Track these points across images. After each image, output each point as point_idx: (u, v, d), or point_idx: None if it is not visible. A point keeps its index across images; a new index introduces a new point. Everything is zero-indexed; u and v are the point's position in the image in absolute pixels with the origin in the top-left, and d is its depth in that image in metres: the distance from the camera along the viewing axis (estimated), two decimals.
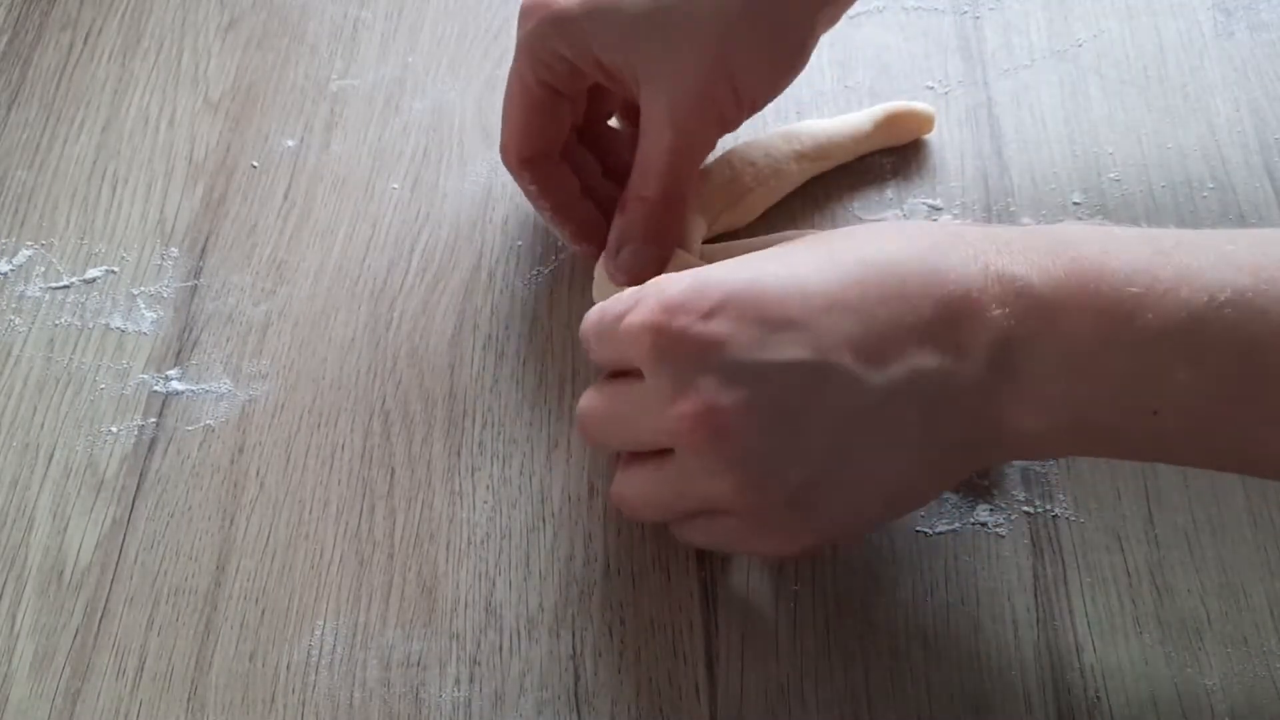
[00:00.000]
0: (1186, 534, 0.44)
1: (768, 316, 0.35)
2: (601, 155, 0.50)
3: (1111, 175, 0.52)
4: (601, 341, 0.40)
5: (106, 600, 0.44)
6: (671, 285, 0.37)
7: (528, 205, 0.53)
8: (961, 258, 0.36)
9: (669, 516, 0.41)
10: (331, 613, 0.44)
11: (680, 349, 0.36)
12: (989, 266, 0.36)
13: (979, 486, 0.45)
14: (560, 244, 0.52)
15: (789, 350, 0.35)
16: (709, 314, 0.36)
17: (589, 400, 0.41)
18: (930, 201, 0.52)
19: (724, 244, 0.48)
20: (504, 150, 0.48)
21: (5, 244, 0.53)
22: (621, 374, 0.40)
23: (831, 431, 0.36)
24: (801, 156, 0.51)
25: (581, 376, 0.48)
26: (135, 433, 0.48)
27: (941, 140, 0.53)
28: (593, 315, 0.40)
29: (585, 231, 0.48)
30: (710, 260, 0.43)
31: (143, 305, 0.51)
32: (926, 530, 0.44)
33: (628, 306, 0.38)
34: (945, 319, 0.35)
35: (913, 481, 0.38)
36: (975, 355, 0.35)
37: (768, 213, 0.51)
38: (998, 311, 0.35)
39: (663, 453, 0.38)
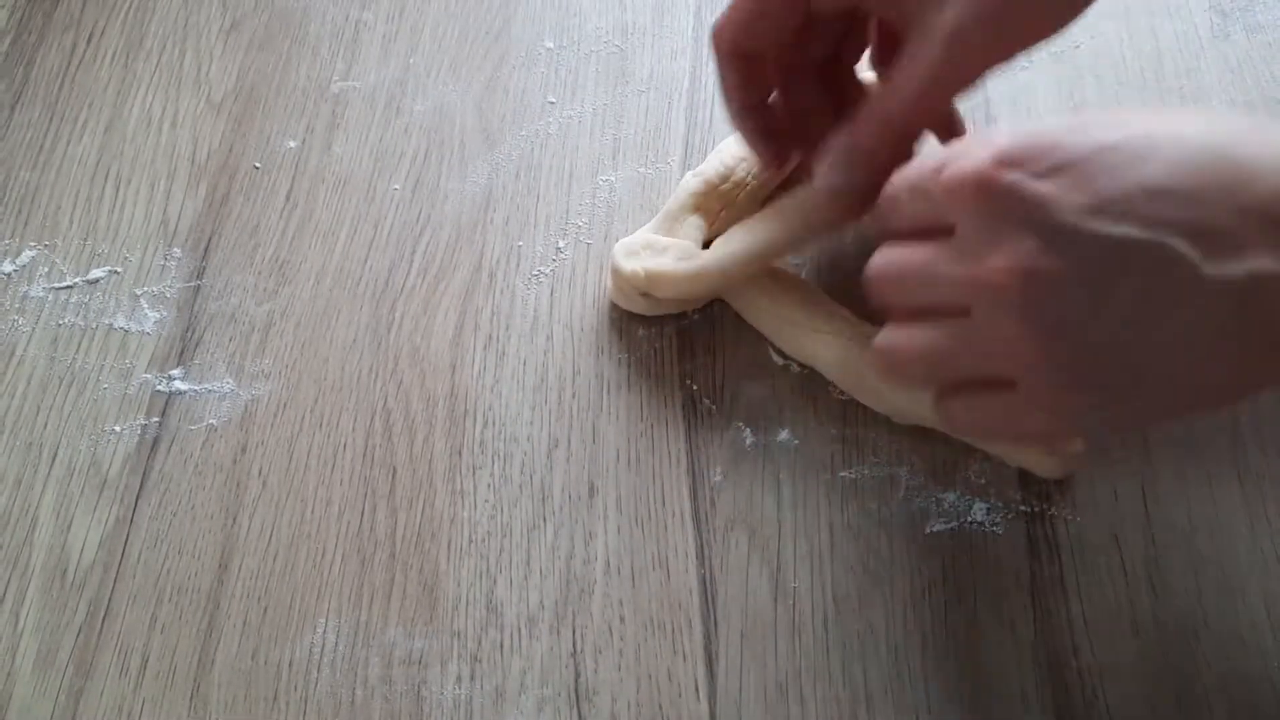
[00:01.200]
0: (1183, 533, 0.44)
1: (1105, 184, 0.34)
2: (836, 98, 0.48)
3: None
4: (914, 196, 0.38)
5: (109, 599, 0.45)
6: (1005, 138, 0.35)
7: (528, 205, 0.53)
8: None
9: (940, 377, 0.39)
10: (333, 611, 0.44)
11: (1008, 202, 0.34)
12: None
13: (976, 485, 0.45)
14: (560, 244, 0.52)
15: (1120, 226, 0.33)
16: (1044, 173, 0.34)
17: (882, 256, 0.39)
18: None
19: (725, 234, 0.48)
20: (717, 32, 0.44)
21: (9, 244, 0.53)
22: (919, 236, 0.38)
23: (1148, 315, 0.34)
24: None
25: (582, 376, 0.49)
26: (138, 432, 0.48)
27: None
28: (907, 172, 0.38)
29: (766, 142, 0.47)
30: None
31: (146, 305, 0.51)
32: (926, 529, 0.45)
33: (949, 158, 0.36)
34: None
35: (1220, 382, 0.35)
36: None
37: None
38: None
39: (949, 313, 0.37)
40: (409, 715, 0.42)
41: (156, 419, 0.48)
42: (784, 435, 0.47)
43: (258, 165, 0.55)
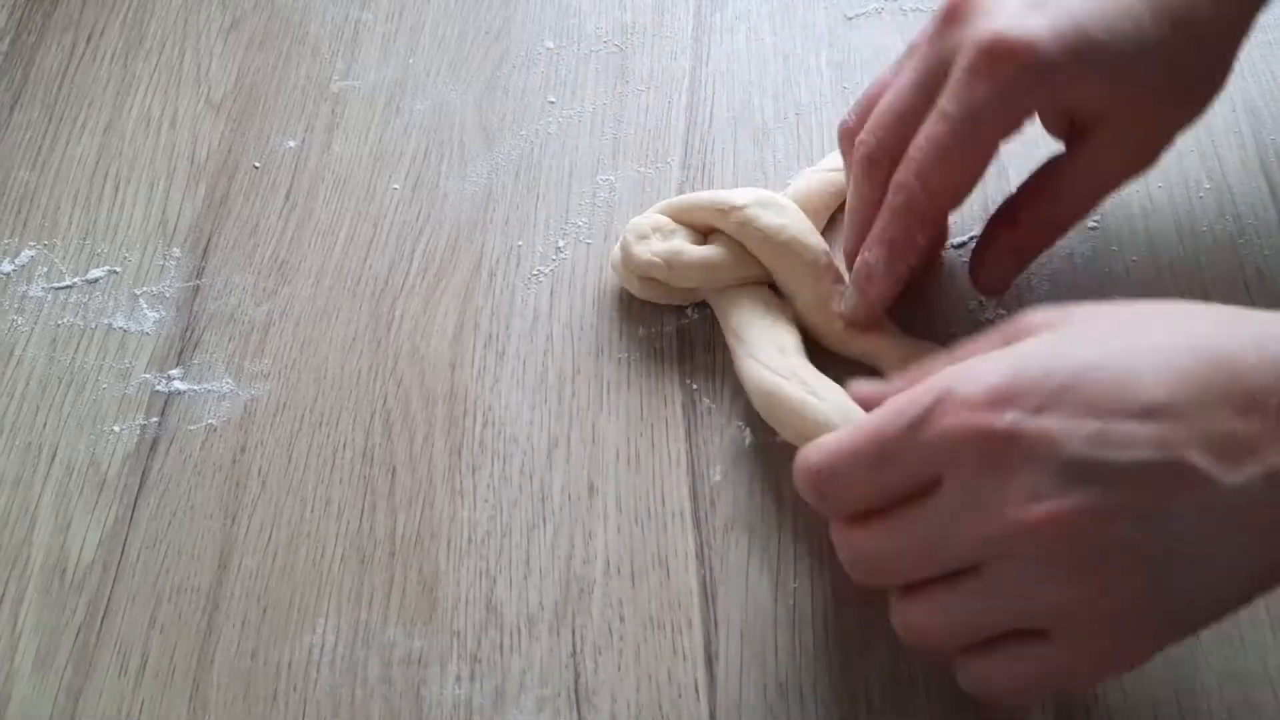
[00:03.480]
0: None
1: (1104, 410, 0.33)
2: None
3: None
4: (886, 462, 0.35)
5: (109, 598, 0.44)
6: (980, 376, 0.34)
7: (528, 205, 0.53)
8: None
9: (971, 640, 0.36)
10: (333, 611, 0.44)
11: (1014, 449, 0.33)
12: None
13: None
14: (560, 244, 0.52)
15: (1133, 448, 0.32)
16: (1040, 408, 0.33)
17: (858, 540, 0.37)
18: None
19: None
20: (936, 198, 0.43)
21: (8, 244, 0.53)
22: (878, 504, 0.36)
23: (1180, 536, 0.33)
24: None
25: (582, 375, 0.49)
26: (137, 432, 0.48)
27: None
28: (856, 441, 0.36)
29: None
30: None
31: (145, 305, 0.51)
32: None
33: (921, 408, 0.34)
34: None
35: (1256, 577, 0.34)
36: None
37: None
38: None
39: (961, 572, 0.35)
40: (408, 715, 0.42)
41: (156, 419, 0.48)
42: (784, 435, 0.47)
43: (257, 165, 0.55)
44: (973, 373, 0.34)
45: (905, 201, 0.43)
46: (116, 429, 0.48)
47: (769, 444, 0.47)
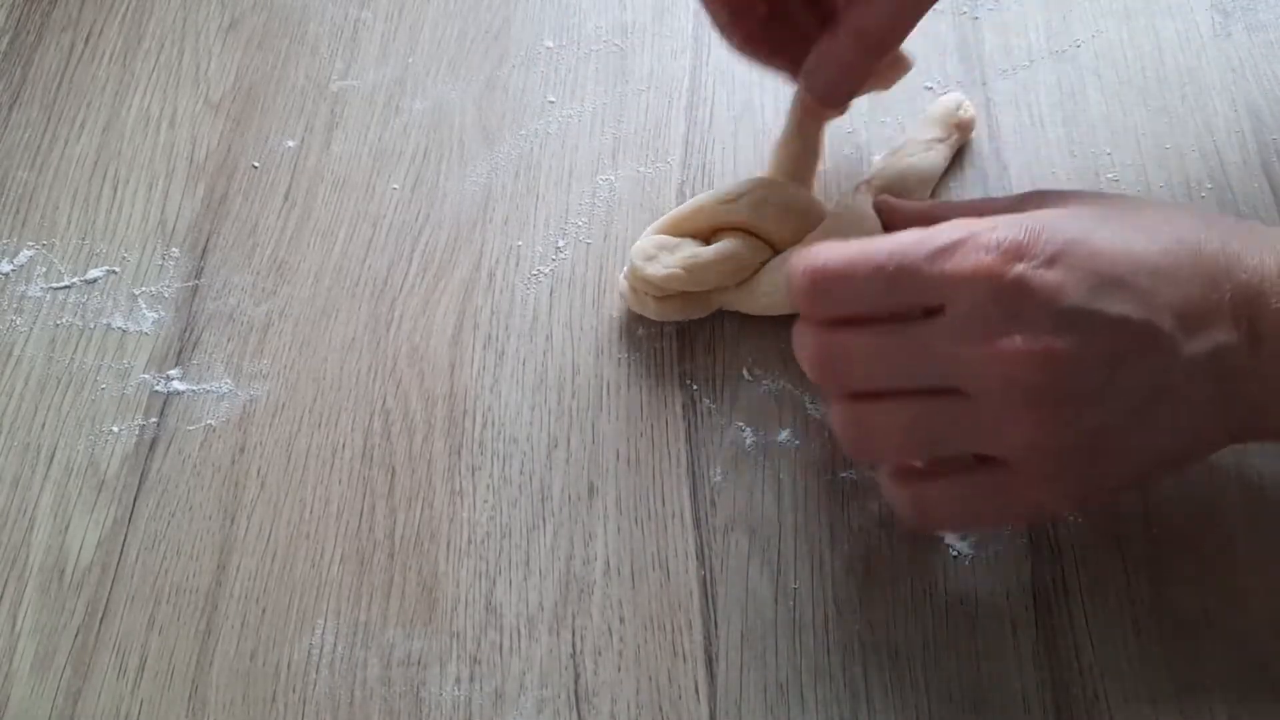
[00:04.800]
0: (1184, 533, 0.44)
1: (1101, 271, 0.37)
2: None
3: (1110, 175, 0.52)
4: (897, 281, 0.38)
5: (107, 600, 0.44)
6: (1000, 229, 0.37)
7: (527, 205, 0.53)
8: (1256, 249, 0.38)
9: (915, 455, 0.41)
10: (332, 612, 0.44)
11: (1018, 293, 0.36)
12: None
13: None
14: (560, 244, 0.52)
15: (1120, 305, 0.36)
16: (1049, 261, 0.37)
17: (833, 340, 0.40)
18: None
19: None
20: None
21: (6, 244, 0.53)
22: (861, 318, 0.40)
23: (1138, 390, 0.37)
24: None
25: (582, 376, 0.49)
26: (136, 432, 0.48)
27: None
28: (875, 253, 0.39)
29: (782, 59, 0.49)
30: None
31: (144, 305, 0.51)
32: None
33: (947, 241, 0.38)
34: (1240, 303, 0.37)
35: (1185, 449, 0.40)
36: (1266, 343, 0.37)
37: None
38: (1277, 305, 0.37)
39: (934, 392, 0.39)
40: (408, 716, 0.42)
41: (154, 419, 0.48)
42: (784, 435, 0.47)
43: (256, 165, 0.55)
44: (993, 224, 0.38)
45: None
46: (115, 429, 0.48)
47: (769, 444, 0.46)
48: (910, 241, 0.39)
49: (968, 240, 0.37)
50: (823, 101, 0.48)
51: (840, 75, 0.47)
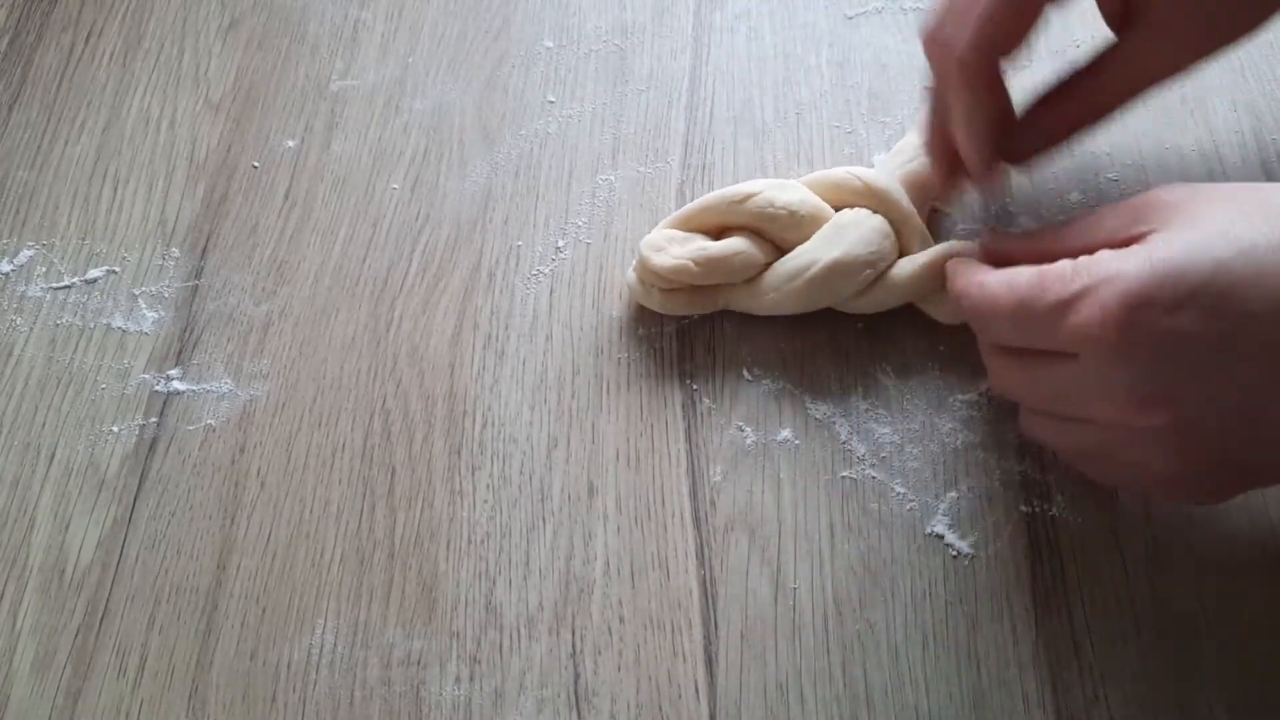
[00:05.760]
0: (1183, 533, 0.44)
1: (1231, 310, 0.35)
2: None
3: (1109, 175, 0.52)
4: (1026, 327, 0.39)
5: (108, 599, 0.44)
6: (1127, 272, 0.36)
7: (527, 205, 0.53)
8: None
9: (1077, 452, 0.42)
10: (332, 611, 0.44)
11: (1145, 345, 0.36)
12: None
13: (977, 485, 0.45)
14: (560, 243, 0.52)
15: (1254, 344, 0.36)
16: (1175, 308, 0.36)
17: (997, 361, 0.42)
18: (932, 203, 0.52)
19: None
20: (951, 43, 0.43)
21: (7, 244, 0.53)
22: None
23: (1276, 421, 0.37)
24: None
25: (582, 376, 0.49)
26: (136, 432, 0.48)
27: None
28: (1008, 298, 0.40)
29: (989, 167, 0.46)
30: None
31: (144, 305, 0.51)
32: (926, 529, 0.44)
33: (1067, 293, 0.37)
34: None
35: None
36: None
37: None
38: None
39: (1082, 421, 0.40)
40: (408, 716, 0.42)
41: (154, 419, 0.48)
42: (784, 435, 0.47)
43: (256, 164, 0.55)
44: (1113, 269, 0.37)
45: (952, 60, 0.43)
46: (115, 429, 0.48)
47: (769, 444, 0.46)
48: (1035, 290, 0.39)
49: (1090, 294, 0.37)
50: (1009, 159, 0.46)
51: (1043, 146, 0.46)
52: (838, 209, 0.49)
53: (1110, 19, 0.45)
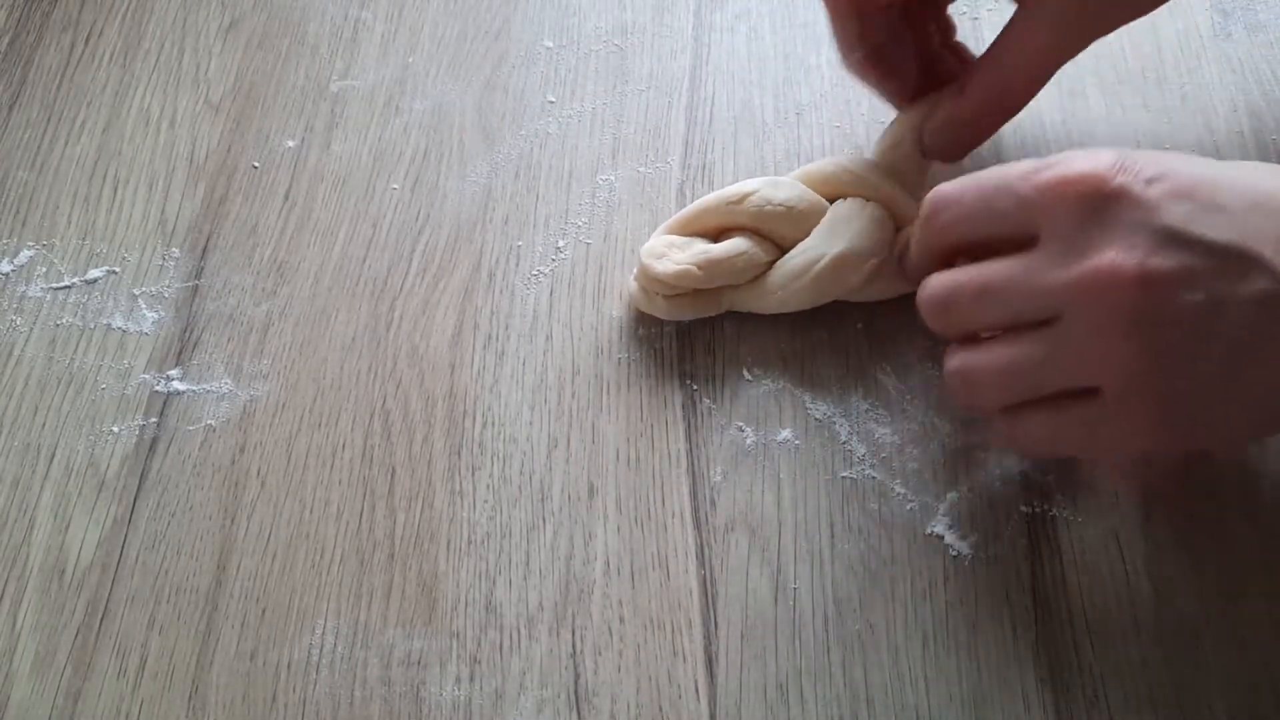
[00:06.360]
0: (1184, 533, 0.44)
1: (1199, 196, 0.36)
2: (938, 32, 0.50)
3: None
4: (992, 206, 0.39)
5: (108, 599, 0.44)
6: (1098, 153, 0.37)
7: (527, 205, 0.53)
8: None
9: (1018, 395, 0.40)
10: (332, 612, 0.44)
11: (1117, 203, 0.36)
12: None
13: (977, 485, 0.45)
14: (560, 244, 0.52)
15: (1219, 231, 0.35)
16: (1150, 180, 0.36)
17: (943, 279, 0.41)
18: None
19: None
20: None
21: (7, 244, 0.53)
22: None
23: (1241, 322, 0.36)
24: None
25: (582, 376, 0.49)
26: (136, 432, 0.48)
27: None
28: (980, 180, 0.40)
29: (894, 81, 0.49)
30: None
31: (144, 305, 0.51)
32: (926, 529, 0.45)
33: (1039, 163, 0.38)
34: None
35: None
36: None
37: None
38: None
39: (1034, 327, 0.38)
40: (408, 716, 0.42)
41: (155, 419, 0.48)
42: (784, 435, 0.47)
43: (256, 165, 0.55)
44: (1091, 151, 0.38)
45: None
46: (115, 429, 0.48)
47: (769, 444, 0.47)
48: (1009, 165, 0.39)
49: (1062, 160, 0.37)
50: (941, 158, 0.49)
51: (967, 138, 0.48)
52: (831, 201, 0.49)
53: None
